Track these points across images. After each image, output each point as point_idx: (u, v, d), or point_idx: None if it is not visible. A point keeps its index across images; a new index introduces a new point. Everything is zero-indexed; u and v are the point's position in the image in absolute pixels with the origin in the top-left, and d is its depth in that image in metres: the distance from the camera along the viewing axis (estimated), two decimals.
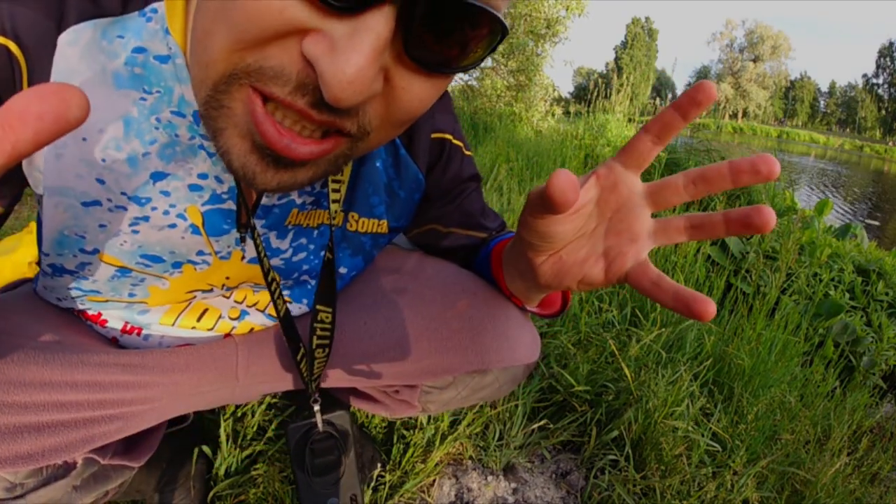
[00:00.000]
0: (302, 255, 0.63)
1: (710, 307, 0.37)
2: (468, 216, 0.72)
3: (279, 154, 0.36)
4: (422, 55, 0.34)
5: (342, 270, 0.68)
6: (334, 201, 0.56)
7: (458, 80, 7.03)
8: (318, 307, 0.62)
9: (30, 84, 0.44)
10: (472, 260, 0.76)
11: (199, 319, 0.65)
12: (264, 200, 0.54)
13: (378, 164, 0.62)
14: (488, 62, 6.52)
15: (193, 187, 0.51)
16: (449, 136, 0.67)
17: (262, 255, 0.54)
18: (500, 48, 6.00)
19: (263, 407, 1.05)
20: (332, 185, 0.56)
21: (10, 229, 2.31)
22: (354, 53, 0.30)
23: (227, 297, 0.66)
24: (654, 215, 0.45)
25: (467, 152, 0.71)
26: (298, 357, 0.64)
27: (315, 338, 0.62)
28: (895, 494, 1.36)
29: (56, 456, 0.51)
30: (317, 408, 0.62)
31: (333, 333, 0.65)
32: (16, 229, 2.30)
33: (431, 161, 0.67)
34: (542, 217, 0.43)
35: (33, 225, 0.65)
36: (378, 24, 0.30)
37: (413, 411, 0.80)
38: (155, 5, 0.45)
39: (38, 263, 0.54)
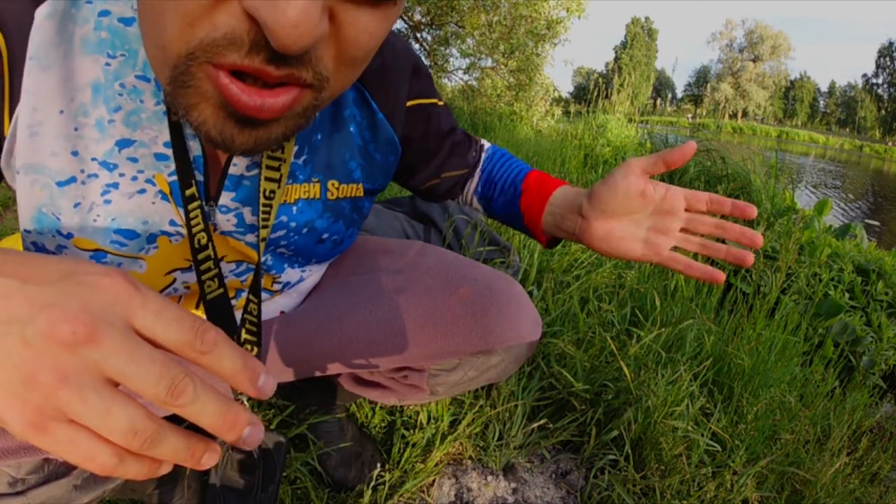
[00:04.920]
0: (281, 233, 0.62)
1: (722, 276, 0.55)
2: (454, 158, 0.79)
3: (255, 117, 0.36)
4: None
5: (324, 236, 0.68)
6: (269, 179, 0.54)
7: (459, 80, 7.02)
8: (249, 297, 0.58)
9: (10, 64, 0.45)
10: (466, 190, 0.85)
11: None
12: (232, 170, 0.54)
13: (352, 129, 0.63)
14: (488, 62, 6.53)
15: (159, 156, 0.51)
16: (425, 101, 0.70)
17: (203, 227, 0.52)
18: (501, 47, 6.00)
19: (264, 406, 1.05)
20: (267, 162, 0.53)
21: (10, 229, 2.31)
22: None
23: None
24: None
25: (440, 103, 0.74)
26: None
27: (244, 331, 0.58)
28: (895, 494, 1.36)
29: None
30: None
31: (261, 331, 0.61)
32: (16, 229, 2.30)
33: (412, 128, 0.70)
34: (641, 182, 0.62)
35: None
36: None
37: (422, 395, 0.81)
38: None
39: (23, 241, 0.53)
